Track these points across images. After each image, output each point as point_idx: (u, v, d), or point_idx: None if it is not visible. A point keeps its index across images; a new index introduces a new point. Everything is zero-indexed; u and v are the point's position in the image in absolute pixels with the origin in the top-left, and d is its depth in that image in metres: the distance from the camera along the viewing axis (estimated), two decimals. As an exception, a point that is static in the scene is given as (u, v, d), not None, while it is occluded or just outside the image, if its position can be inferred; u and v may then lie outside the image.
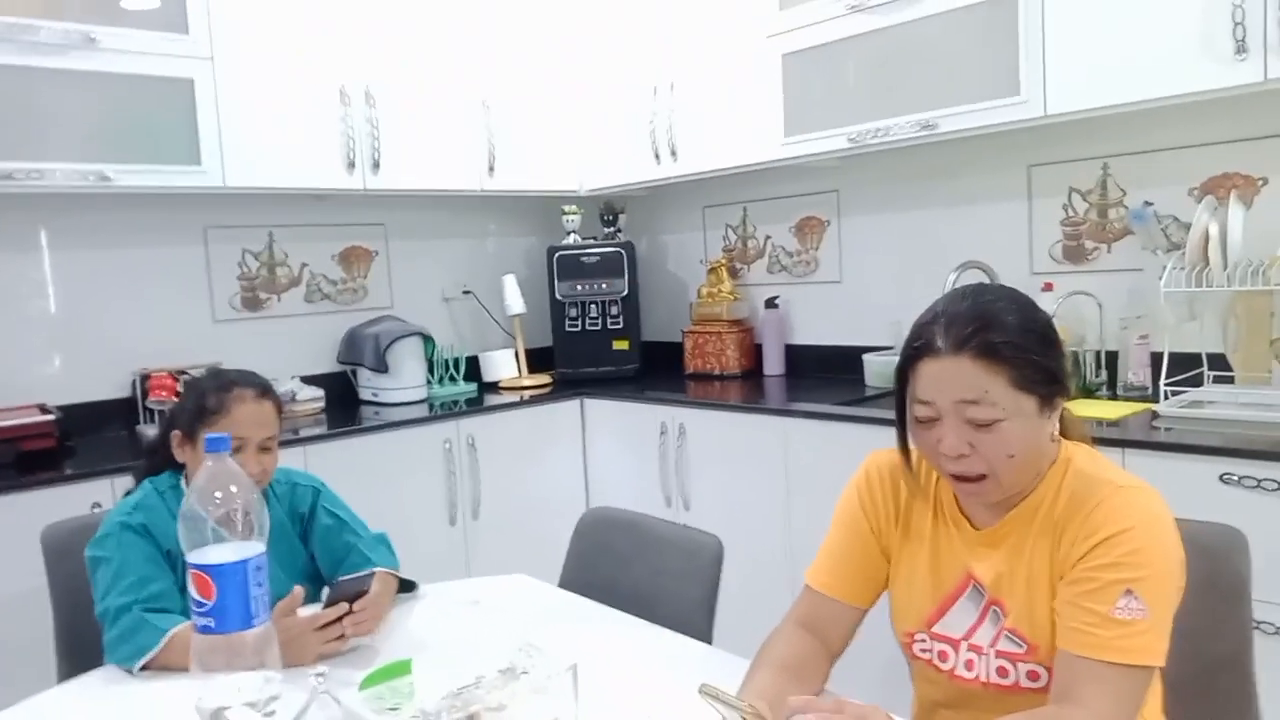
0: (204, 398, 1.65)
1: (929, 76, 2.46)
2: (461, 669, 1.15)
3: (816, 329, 3.29)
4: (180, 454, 1.65)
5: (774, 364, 3.31)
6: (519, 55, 3.31)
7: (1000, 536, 1.20)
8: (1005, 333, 1.12)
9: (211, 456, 1.27)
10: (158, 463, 1.73)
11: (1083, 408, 2.32)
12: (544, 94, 3.38)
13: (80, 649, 1.69)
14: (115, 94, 2.51)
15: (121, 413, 2.82)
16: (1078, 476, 1.17)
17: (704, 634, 1.55)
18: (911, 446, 1.24)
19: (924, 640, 1.27)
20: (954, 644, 1.23)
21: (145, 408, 2.79)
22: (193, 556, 1.23)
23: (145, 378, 2.79)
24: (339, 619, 1.44)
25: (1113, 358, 2.50)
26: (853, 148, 2.65)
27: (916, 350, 1.16)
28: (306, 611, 1.46)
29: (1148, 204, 2.42)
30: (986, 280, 2.69)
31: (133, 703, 1.36)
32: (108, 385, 2.83)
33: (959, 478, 1.16)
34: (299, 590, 1.46)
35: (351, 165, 2.95)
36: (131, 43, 2.51)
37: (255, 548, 1.26)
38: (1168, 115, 2.24)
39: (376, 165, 3.00)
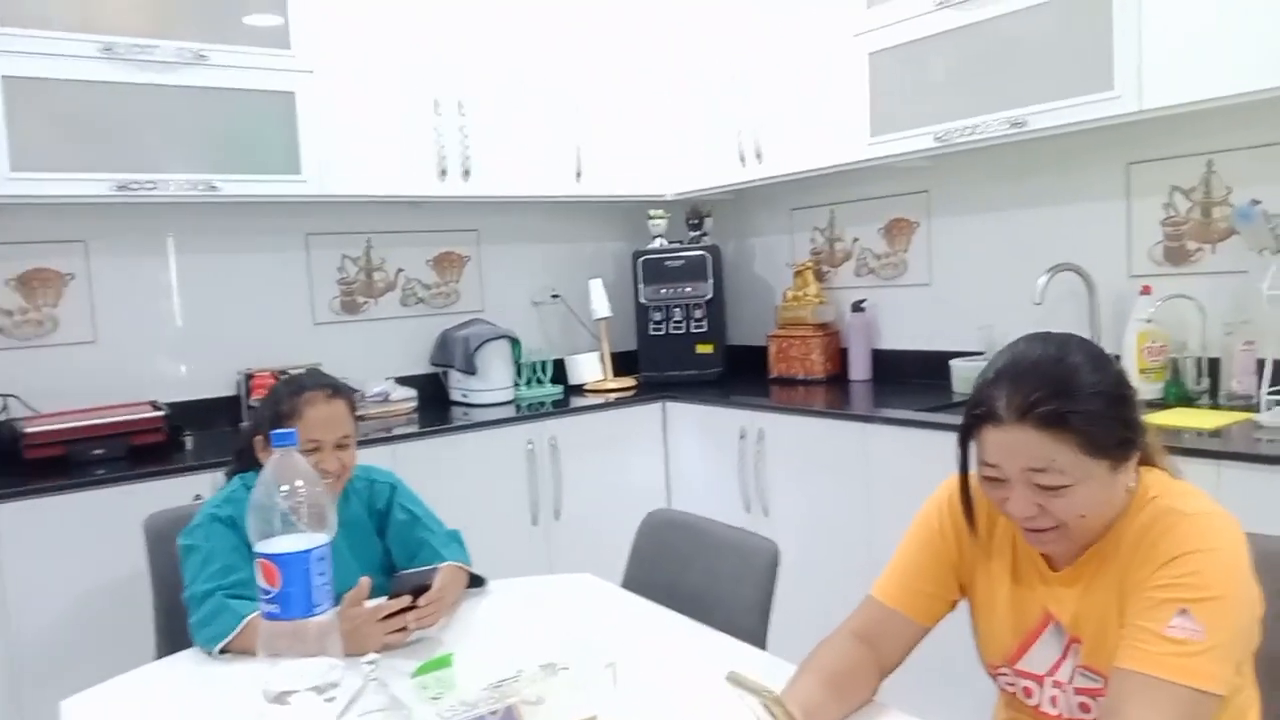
0: (279, 403, 1.74)
1: (1018, 72, 2.38)
2: (508, 663, 1.18)
3: (904, 333, 3.22)
4: (263, 457, 1.74)
5: (860, 369, 3.26)
6: (605, 61, 3.36)
7: (1077, 576, 1.17)
8: (1071, 399, 1.07)
9: (279, 451, 1.34)
10: (247, 460, 1.83)
11: (1181, 417, 2.22)
12: (630, 99, 3.41)
13: (177, 630, 1.79)
14: (223, 108, 2.66)
15: (227, 410, 2.98)
16: (1151, 510, 1.12)
17: (758, 638, 1.54)
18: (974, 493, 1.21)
19: (1008, 675, 1.25)
20: (1039, 680, 1.21)
21: (249, 406, 2.94)
22: (260, 545, 1.30)
23: (249, 377, 2.95)
24: (401, 611, 1.50)
25: (1214, 365, 2.37)
26: (940, 147, 2.59)
27: (977, 417, 1.12)
28: (373, 603, 1.52)
29: (1255, 202, 2.28)
30: (1082, 281, 2.60)
31: (208, 684, 1.45)
32: (215, 384, 3.00)
33: (1030, 529, 1.14)
34: (365, 581, 1.52)
35: (443, 173, 3.05)
36: (238, 59, 2.66)
37: (319, 539, 1.33)
38: (1276, 108, 2.11)
39: (467, 173, 3.09)
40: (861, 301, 3.27)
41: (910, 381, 3.11)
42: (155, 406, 2.67)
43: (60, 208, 2.68)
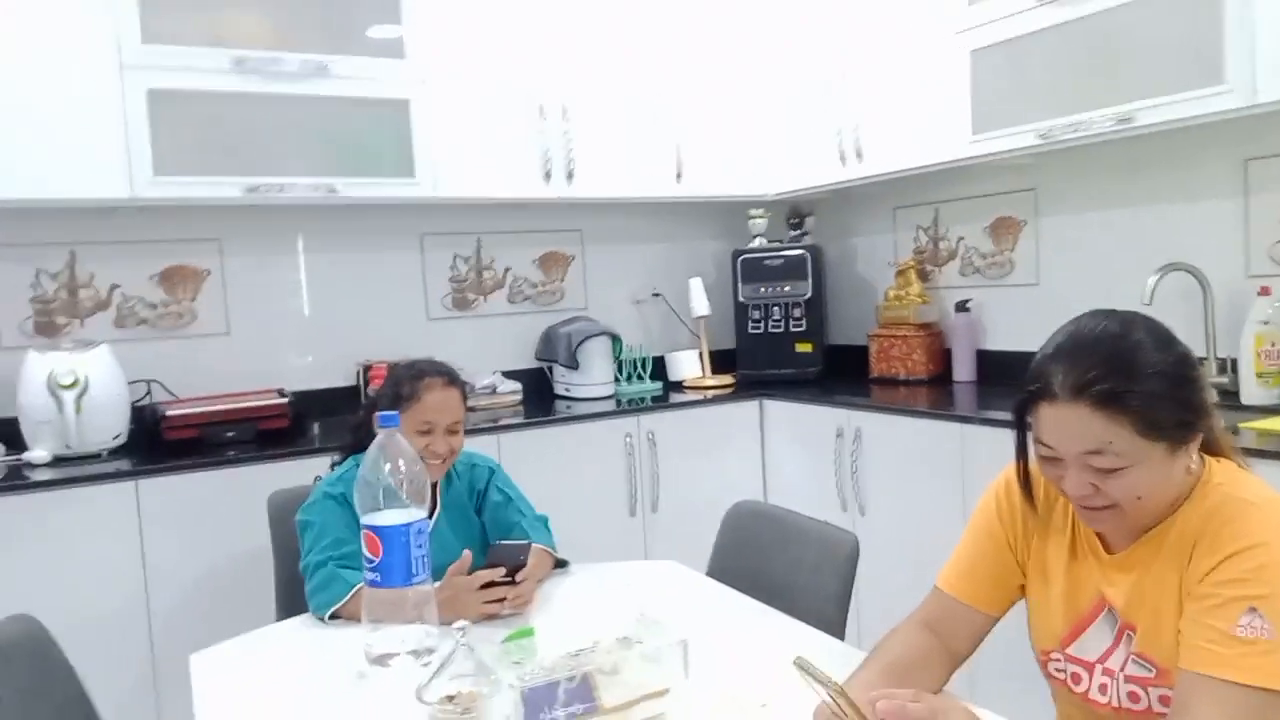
0: (400, 385, 1.86)
1: (1124, 67, 2.32)
2: (587, 637, 1.25)
3: (1011, 333, 3.16)
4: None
5: (964, 369, 3.21)
6: (705, 63, 3.41)
7: (1134, 561, 1.16)
8: (1129, 378, 1.04)
9: (384, 432, 1.45)
10: (361, 440, 1.95)
11: (1298, 423, 2.12)
12: (729, 99, 3.46)
13: (296, 596, 1.94)
14: (343, 115, 2.83)
15: (347, 399, 3.16)
16: (1214, 497, 1.11)
17: (836, 629, 1.57)
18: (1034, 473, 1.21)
19: (1059, 660, 1.24)
20: (1088, 667, 1.20)
21: (366, 395, 3.12)
22: (364, 519, 1.42)
23: (367, 368, 3.12)
24: (498, 583, 1.59)
25: (1337, 369, 2.26)
26: (1044, 144, 2.54)
27: (1033, 393, 1.11)
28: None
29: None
30: (1195, 281, 2.51)
31: (318, 645, 1.57)
32: (336, 374, 3.19)
33: (1085, 506, 1.13)
34: (468, 554, 1.62)
35: (548, 175, 3.16)
36: (357, 69, 2.83)
37: (417, 514, 1.43)
38: (1407, 98, 2.00)
39: (570, 175, 3.19)
40: (966, 301, 3.22)
41: (1016, 383, 3.04)
42: (281, 394, 2.86)
43: (197, 209, 2.91)
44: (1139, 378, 1.05)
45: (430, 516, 1.65)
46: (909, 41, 2.91)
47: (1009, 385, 3.01)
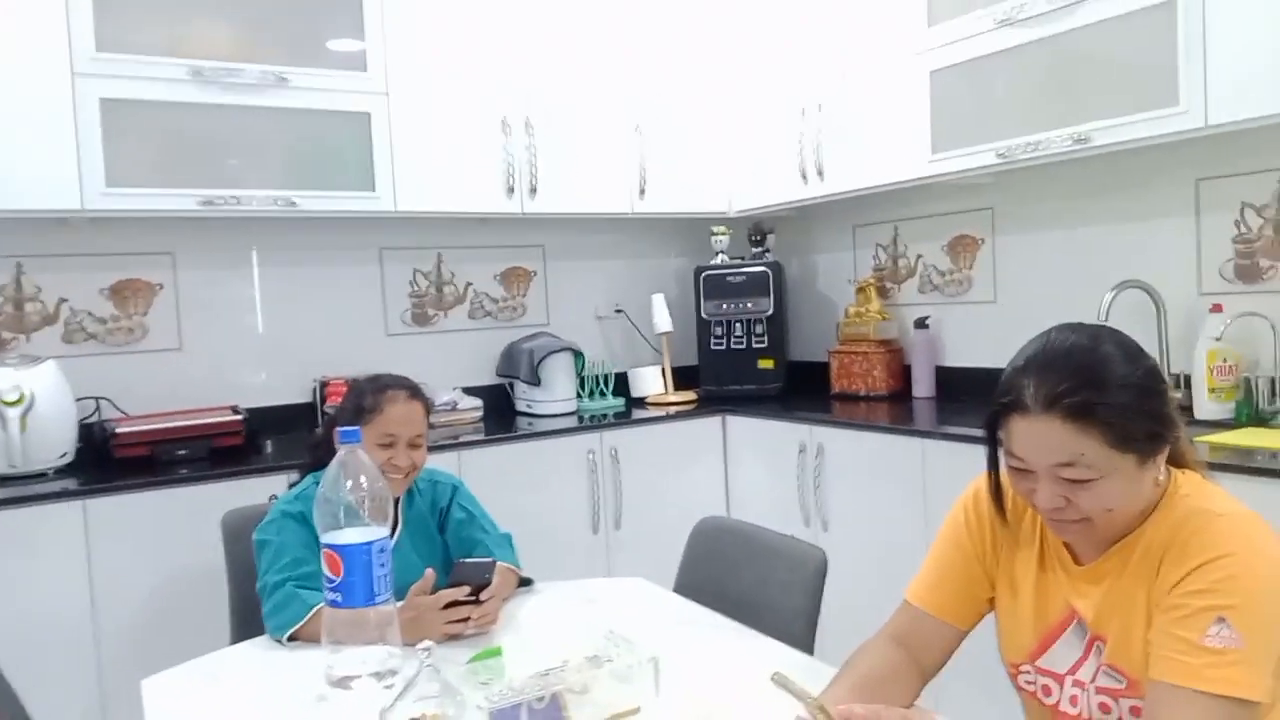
0: (361, 397, 1.83)
1: (1081, 89, 2.37)
2: (555, 655, 1.23)
3: (969, 350, 3.19)
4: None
5: (923, 385, 3.24)
6: (669, 81, 3.42)
7: (1102, 572, 1.17)
8: (1100, 390, 1.05)
9: (344, 448, 1.42)
10: (320, 457, 1.91)
11: (1253, 437, 2.17)
12: (693, 117, 3.47)
13: (251, 617, 1.89)
14: (303, 128, 2.79)
15: (303, 415, 3.10)
16: (1181, 508, 1.12)
17: (805, 644, 1.56)
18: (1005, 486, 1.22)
19: (1029, 673, 1.24)
20: (1058, 679, 1.21)
21: (323, 412, 3.06)
22: (325, 537, 1.38)
23: (324, 384, 3.06)
24: (462, 603, 1.55)
25: (1287, 384, 2.31)
26: (1002, 163, 2.58)
27: (1005, 406, 1.11)
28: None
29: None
30: (1149, 299, 2.56)
31: (275, 668, 1.52)
32: (292, 391, 3.12)
33: (1056, 519, 1.14)
34: (430, 573, 1.59)
35: (511, 190, 3.14)
36: (318, 81, 2.79)
37: (379, 532, 1.40)
38: (1350, 122, 2.07)
39: (534, 190, 3.17)
40: (925, 318, 3.25)
41: (975, 399, 3.08)
42: (235, 411, 2.80)
43: (150, 221, 2.84)
44: (1109, 390, 1.06)
45: (392, 535, 1.62)
46: (870, 62, 2.95)
47: (968, 401, 3.07)
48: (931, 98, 2.76)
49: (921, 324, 3.25)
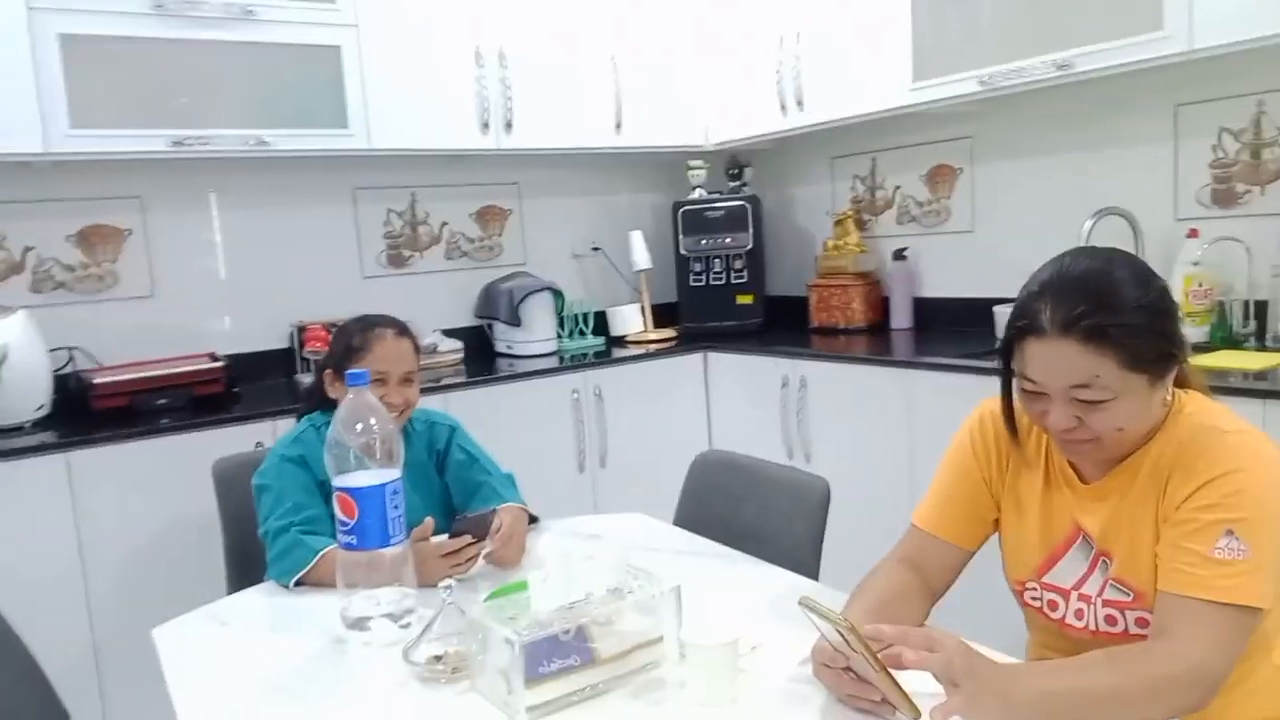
0: (350, 337, 1.82)
1: (1065, 14, 2.36)
2: (575, 588, 1.24)
3: (947, 281, 3.22)
4: (332, 390, 1.81)
5: (901, 317, 3.27)
6: (645, 10, 3.35)
7: (1109, 490, 1.20)
8: (1115, 312, 1.07)
9: (352, 390, 1.40)
10: (314, 403, 1.89)
11: (1228, 359, 2.22)
12: (670, 49, 3.41)
13: (247, 566, 1.89)
14: (270, 63, 2.70)
15: (281, 361, 3.06)
16: (1187, 426, 1.15)
17: (811, 571, 1.59)
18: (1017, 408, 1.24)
19: (1034, 589, 1.28)
20: (1064, 594, 1.24)
21: (302, 357, 3.02)
22: (337, 480, 1.37)
23: (302, 329, 3.02)
24: (461, 549, 1.56)
25: (1262, 307, 2.37)
26: (985, 91, 2.58)
27: (1020, 329, 1.12)
28: (436, 540, 1.58)
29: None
30: (1128, 225, 2.58)
31: (288, 613, 1.52)
32: (269, 336, 3.07)
33: (1067, 440, 1.16)
34: (430, 520, 1.58)
35: (485, 126, 3.08)
36: (284, 14, 2.70)
37: (392, 474, 1.39)
38: (1330, 45, 2.08)
39: (509, 125, 3.11)
40: (903, 250, 3.27)
41: (953, 329, 3.12)
42: (214, 358, 2.75)
43: (117, 164, 2.74)
44: (1124, 312, 1.07)
45: (396, 476, 1.61)
46: (850, -12, 2.90)
47: (945, 331, 3.10)
48: (913, 25, 2.74)
49: (899, 255, 3.27)
